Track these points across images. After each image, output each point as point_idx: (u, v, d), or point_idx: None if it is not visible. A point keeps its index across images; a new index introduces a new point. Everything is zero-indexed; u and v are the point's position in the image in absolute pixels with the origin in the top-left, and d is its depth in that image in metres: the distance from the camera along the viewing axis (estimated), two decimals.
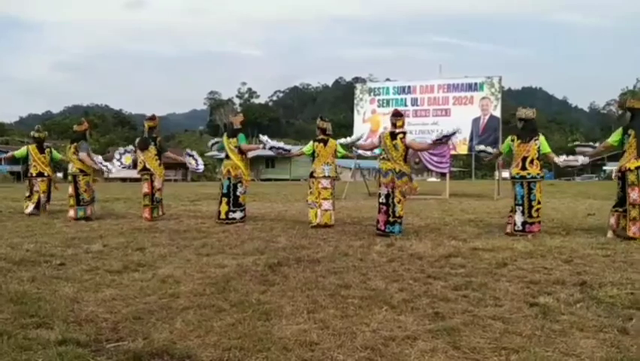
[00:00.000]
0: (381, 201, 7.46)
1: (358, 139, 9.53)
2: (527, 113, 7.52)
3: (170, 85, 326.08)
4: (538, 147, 7.36)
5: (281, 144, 9.19)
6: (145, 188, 9.34)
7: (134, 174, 10.88)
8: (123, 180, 41.75)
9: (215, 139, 10.03)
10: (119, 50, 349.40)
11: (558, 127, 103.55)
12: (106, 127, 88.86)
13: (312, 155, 8.64)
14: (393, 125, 7.58)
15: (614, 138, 7.26)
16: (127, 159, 9.99)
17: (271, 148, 9.04)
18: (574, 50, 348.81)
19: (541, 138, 7.43)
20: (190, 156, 10.40)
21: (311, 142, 8.77)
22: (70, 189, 9.53)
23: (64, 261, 5.40)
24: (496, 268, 5.10)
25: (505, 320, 3.41)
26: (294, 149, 9.82)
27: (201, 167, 10.38)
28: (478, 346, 2.93)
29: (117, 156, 10.05)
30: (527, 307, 3.72)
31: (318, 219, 8.36)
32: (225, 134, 9.16)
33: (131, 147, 10.04)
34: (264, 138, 9.17)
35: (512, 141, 7.51)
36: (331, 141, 8.63)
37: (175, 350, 2.89)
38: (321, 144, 8.58)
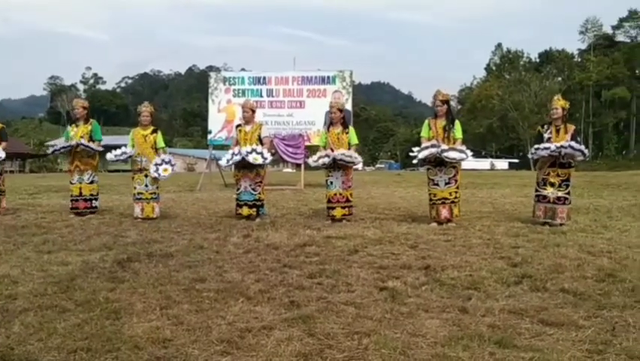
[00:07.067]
0: None
1: None
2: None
3: (3, 68, 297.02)
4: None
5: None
6: None
7: None
8: None
9: None
10: None
11: (404, 120, 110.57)
12: None
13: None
14: None
15: (425, 130, 7.54)
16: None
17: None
18: (418, 47, 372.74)
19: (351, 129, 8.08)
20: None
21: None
22: None
23: None
24: (348, 254, 5.28)
25: (357, 304, 3.54)
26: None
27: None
28: (332, 332, 3.01)
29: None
30: (377, 291, 3.89)
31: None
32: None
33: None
34: None
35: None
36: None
37: (13, 356, 2.66)
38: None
